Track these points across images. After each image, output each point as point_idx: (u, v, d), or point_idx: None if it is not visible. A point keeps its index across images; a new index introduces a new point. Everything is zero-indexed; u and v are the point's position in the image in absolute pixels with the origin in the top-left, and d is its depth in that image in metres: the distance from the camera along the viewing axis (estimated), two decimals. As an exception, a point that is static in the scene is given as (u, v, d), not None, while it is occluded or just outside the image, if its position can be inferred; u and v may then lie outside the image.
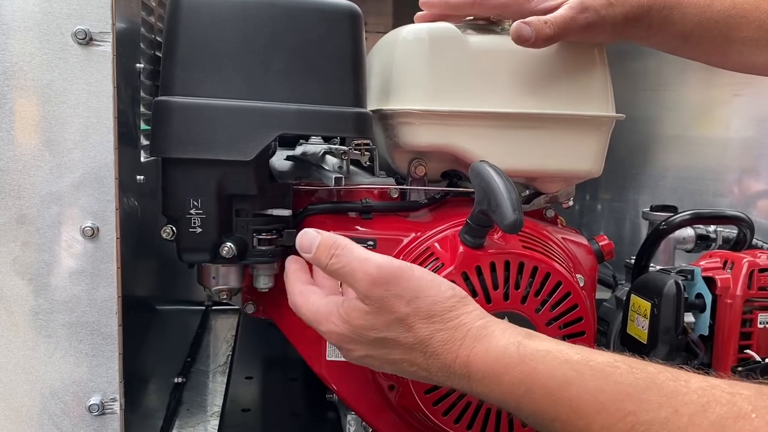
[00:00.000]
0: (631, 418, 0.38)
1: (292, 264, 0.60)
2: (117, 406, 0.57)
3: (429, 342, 0.49)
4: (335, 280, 0.58)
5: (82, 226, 0.55)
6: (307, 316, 0.55)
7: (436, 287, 0.51)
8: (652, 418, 0.37)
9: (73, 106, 0.54)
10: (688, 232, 0.87)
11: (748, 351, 0.73)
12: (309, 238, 0.54)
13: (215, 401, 0.86)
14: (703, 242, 0.86)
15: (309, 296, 0.56)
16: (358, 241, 0.56)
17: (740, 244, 0.84)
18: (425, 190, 0.70)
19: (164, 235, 0.62)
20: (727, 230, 0.87)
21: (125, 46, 0.60)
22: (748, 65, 0.69)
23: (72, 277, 0.55)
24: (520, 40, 0.63)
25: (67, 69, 0.53)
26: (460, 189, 0.71)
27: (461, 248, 0.60)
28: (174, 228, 0.62)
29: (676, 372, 0.40)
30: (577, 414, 0.41)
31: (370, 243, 0.65)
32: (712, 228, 0.87)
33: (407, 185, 0.71)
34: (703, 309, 0.74)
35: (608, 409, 0.39)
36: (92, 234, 0.55)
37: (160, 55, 0.62)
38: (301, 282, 0.58)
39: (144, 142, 0.69)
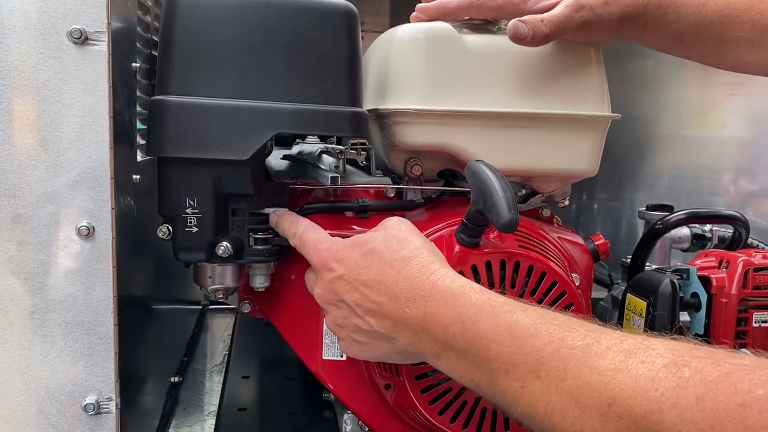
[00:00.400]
0: (558, 343, 0.43)
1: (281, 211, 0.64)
2: (113, 406, 0.57)
3: (410, 261, 0.53)
4: None
5: (78, 226, 0.55)
6: (315, 236, 0.59)
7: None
8: (575, 344, 0.42)
9: (68, 106, 0.54)
10: (683, 231, 0.87)
11: (743, 350, 0.73)
12: None
13: (212, 400, 0.86)
14: (698, 241, 0.87)
15: (318, 228, 0.61)
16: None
17: (736, 243, 0.84)
18: (421, 189, 0.71)
19: (160, 235, 0.62)
20: (723, 229, 0.87)
21: (121, 45, 0.60)
22: (742, 64, 0.69)
23: (68, 276, 0.55)
24: (517, 38, 0.63)
25: (63, 68, 0.53)
26: (457, 188, 0.71)
27: (457, 247, 0.60)
28: (170, 227, 0.62)
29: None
30: (512, 336, 0.45)
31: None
32: (707, 227, 0.87)
33: (403, 185, 0.71)
34: (698, 308, 0.74)
35: (540, 333, 0.44)
36: (88, 233, 0.55)
37: (157, 54, 0.62)
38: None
39: (140, 141, 0.69)
